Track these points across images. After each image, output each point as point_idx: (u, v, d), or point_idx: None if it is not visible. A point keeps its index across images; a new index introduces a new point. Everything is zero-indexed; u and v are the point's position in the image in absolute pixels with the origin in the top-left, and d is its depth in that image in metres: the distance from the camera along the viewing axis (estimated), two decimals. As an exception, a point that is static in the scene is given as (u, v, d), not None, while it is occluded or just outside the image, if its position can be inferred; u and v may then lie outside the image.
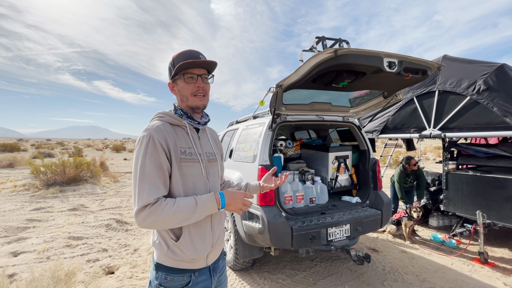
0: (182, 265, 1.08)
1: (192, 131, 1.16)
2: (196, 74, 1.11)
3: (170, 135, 1.07)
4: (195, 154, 1.13)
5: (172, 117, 1.13)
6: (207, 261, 1.15)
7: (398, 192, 4.49)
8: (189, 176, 1.09)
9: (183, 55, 1.11)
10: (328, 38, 2.23)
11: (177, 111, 1.15)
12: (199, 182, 1.12)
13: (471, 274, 3.08)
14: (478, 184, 3.71)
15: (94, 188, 7.98)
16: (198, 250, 1.08)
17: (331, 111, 3.10)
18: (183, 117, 1.14)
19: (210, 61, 1.11)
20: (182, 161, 1.07)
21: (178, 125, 1.13)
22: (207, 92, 1.16)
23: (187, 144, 1.12)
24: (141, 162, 0.99)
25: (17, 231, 4.40)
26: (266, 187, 1.38)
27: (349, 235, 2.62)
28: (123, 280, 2.90)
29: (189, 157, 1.10)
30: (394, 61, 2.02)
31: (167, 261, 1.07)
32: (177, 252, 1.05)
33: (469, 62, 3.94)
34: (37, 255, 3.47)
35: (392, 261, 3.39)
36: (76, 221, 4.95)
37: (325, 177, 3.30)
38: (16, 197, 6.77)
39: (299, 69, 2.03)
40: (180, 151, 1.08)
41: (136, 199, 0.96)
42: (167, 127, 1.08)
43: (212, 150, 1.25)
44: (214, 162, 1.23)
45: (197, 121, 1.17)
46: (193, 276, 1.10)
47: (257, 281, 2.90)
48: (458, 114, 3.89)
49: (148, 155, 0.99)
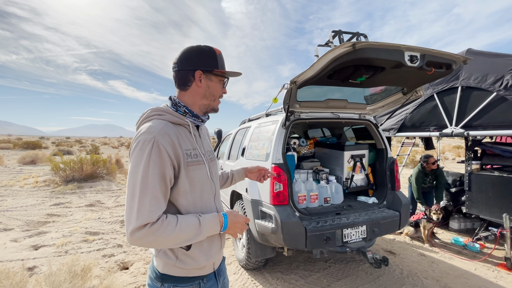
0: (191, 273, 1.01)
1: (194, 129, 1.06)
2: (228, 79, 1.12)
3: (177, 139, 0.96)
4: (200, 155, 1.04)
5: (173, 115, 1.00)
6: (214, 265, 1.10)
7: (415, 192, 4.31)
8: (196, 180, 1.00)
9: (220, 56, 1.08)
10: (345, 32, 2.14)
11: (180, 108, 1.03)
12: (205, 185, 1.04)
13: (496, 281, 2.90)
14: (504, 185, 3.49)
15: (110, 185, 8.20)
16: (210, 255, 1.03)
17: (347, 108, 3.00)
18: (187, 115, 1.03)
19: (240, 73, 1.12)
20: (189, 165, 0.98)
21: (180, 124, 1.01)
22: None
23: (192, 145, 1.02)
24: (143, 171, 0.85)
25: (38, 225, 4.57)
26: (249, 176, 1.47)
27: (365, 236, 2.53)
28: (137, 276, 2.94)
29: (195, 159, 1.00)
30: (416, 55, 1.91)
31: (175, 271, 0.99)
32: (188, 261, 0.98)
33: (496, 56, 3.71)
34: (56, 249, 3.59)
35: (410, 265, 3.25)
36: (93, 216, 5.10)
37: (340, 177, 3.21)
38: (37, 192, 7.06)
39: (315, 64, 1.96)
40: (186, 154, 0.98)
41: (134, 215, 0.83)
42: (171, 128, 0.96)
43: (210, 148, 1.18)
44: (214, 161, 1.17)
45: (201, 118, 1.09)
46: (202, 283, 1.04)
47: (269, 281, 2.86)
48: (482, 111, 3.68)
49: (152, 164, 0.86)
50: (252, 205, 2.68)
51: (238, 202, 3.13)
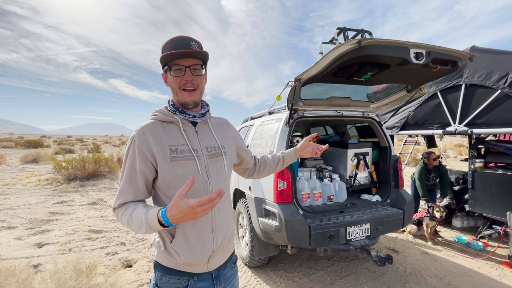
0: (179, 267, 1.01)
1: (186, 126, 1.06)
2: (184, 65, 0.97)
3: (155, 136, 0.99)
4: (189, 150, 1.02)
5: (164, 113, 1.04)
6: (209, 266, 1.05)
7: (420, 190, 4.29)
8: (181, 176, 0.98)
9: (171, 43, 0.98)
10: (350, 29, 2.12)
11: (170, 107, 1.07)
12: (195, 181, 1.00)
13: (500, 279, 2.90)
14: (508, 183, 3.48)
15: (112, 183, 8.23)
16: (196, 254, 0.99)
17: (351, 106, 2.98)
18: (176, 113, 1.05)
19: (198, 51, 0.96)
20: (173, 160, 0.98)
21: (170, 121, 1.05)
22: (199, 86, 1.03)
23: (179, 141, 1.02)
24: (123, 164, 1.01)
25: (41, 223, 4.60)
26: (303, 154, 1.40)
27: (369, 234, 2.53)
28: (140, 273, 2.95)
29: (180, 155, 1.00)
30: (422, 52, 1.89)
31: (164, 261, 1.02)
32: (173, 254, 0.99)
33: (500, 53, 3.68)
34: (60, 246, 3.60)
35: (414, 263, 3.25)
36: (96, 215, 5.12)
37: (343, 175, 3.20)
38: (40, 190, 7.09)
39: (320, 61, 1.95)
40: (170, 149, 0.99)
41: (115, 198, 1.00)
42: (155, 127, 1.01)
43: (215, 144, 1.11)
44: (217, 157, 1.09)
45: (192, 114, 1.06)
46: (191, 281, 1.02)
47: (273, 279, 2.86)
48: (487, 109, 3.65)
49: (128, 160, 0.99)
50: (256, 203, 2.68)
51: (241, 200, 3.13)
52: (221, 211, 1.08)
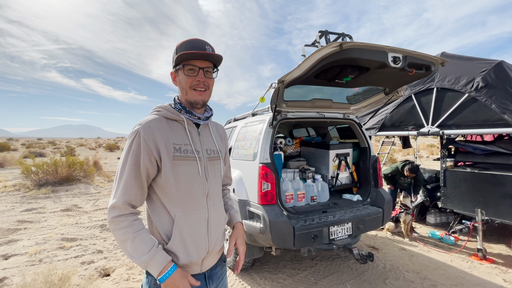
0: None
1: (191, 126, 1.09)
2: (198, 66, 1.02)
3: (162, 132, 1.00)
4: (192, 151, 1.05)
5: (169, 111, 1.06)
6: (202, 267, 1.06)
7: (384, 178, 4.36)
8: (183, 176, 1.00)
9: (186, 44, 1.03)
10: (332, 32, 2.17)
11: (176, 105, 1.08)
12: (195, 182, 1.03)
13: (471, 271, 3.08)
14: (476, 181, 3.72)
15: (88, 188, 7.81)
16: (191, 255, 1.00)
17: (332, 108, 3.05)
18: (182, 112, 1.07)
19: (214, 54, 1.01)
20: (176, 159, 1.00)
21: (175, 119, 1.06)
22: (209, 87, 1.07)
23: (183, 141, 1.04)
24: (124, 158, 0.96)
25: (7, 233, 4.25)
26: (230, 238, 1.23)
27: (351, 233, 2.59)
28: (119, 282, 2.81)
29: (184, 155, 1.02)
30: (399, 56, 1.98)
31: None
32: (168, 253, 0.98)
33: (468, 59, 3.94)
34: (28, 257, 3.34)
35: (393, 259, 3.37)
36: (70, 222, 4.82)
37: (325, 175, 3.26)
38: (6, 198, 6.57)
39: (302, 64, 1.97)
40: (174, 148, 1.00)
41: (112, 194, 0.95)
42: (161, 123, 1.02)
43: (214, 147, 1.16)
44: (215, 160, 1.14)
45: (197, 115, 1.09)
46: None
47: (257, 281, 2.84)
48: (456, 111, 3.90)
49: (132, 153, 0.96)
50: (240, 205, 2.65)
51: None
52: (216, 212, 1.11)
